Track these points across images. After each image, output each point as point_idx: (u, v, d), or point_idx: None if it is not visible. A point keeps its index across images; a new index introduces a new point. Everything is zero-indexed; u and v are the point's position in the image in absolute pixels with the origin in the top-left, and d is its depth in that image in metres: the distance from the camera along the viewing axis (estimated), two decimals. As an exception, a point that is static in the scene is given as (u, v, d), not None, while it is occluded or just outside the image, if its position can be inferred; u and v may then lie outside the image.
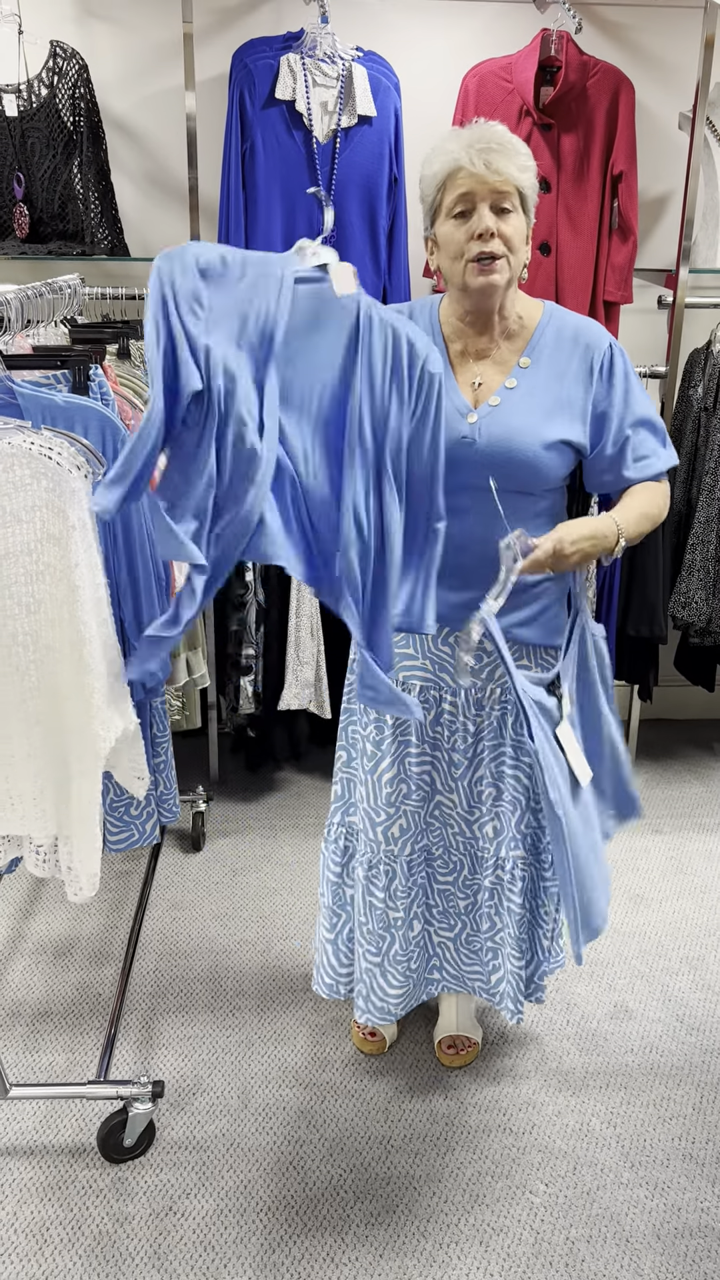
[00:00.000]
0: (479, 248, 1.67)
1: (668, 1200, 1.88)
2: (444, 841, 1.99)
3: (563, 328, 1.80)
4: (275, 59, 2.78)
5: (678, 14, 3.06)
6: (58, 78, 2.81)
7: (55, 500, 1.46)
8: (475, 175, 1.66)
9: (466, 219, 1.68)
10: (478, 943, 2.03)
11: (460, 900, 2.02)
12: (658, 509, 1.82)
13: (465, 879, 2.00)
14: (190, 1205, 1.85)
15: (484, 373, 1.79)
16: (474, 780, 1.94)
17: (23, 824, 1.64)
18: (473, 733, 1.91)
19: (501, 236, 1.68)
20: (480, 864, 1.98)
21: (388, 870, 1.97)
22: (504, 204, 1.68)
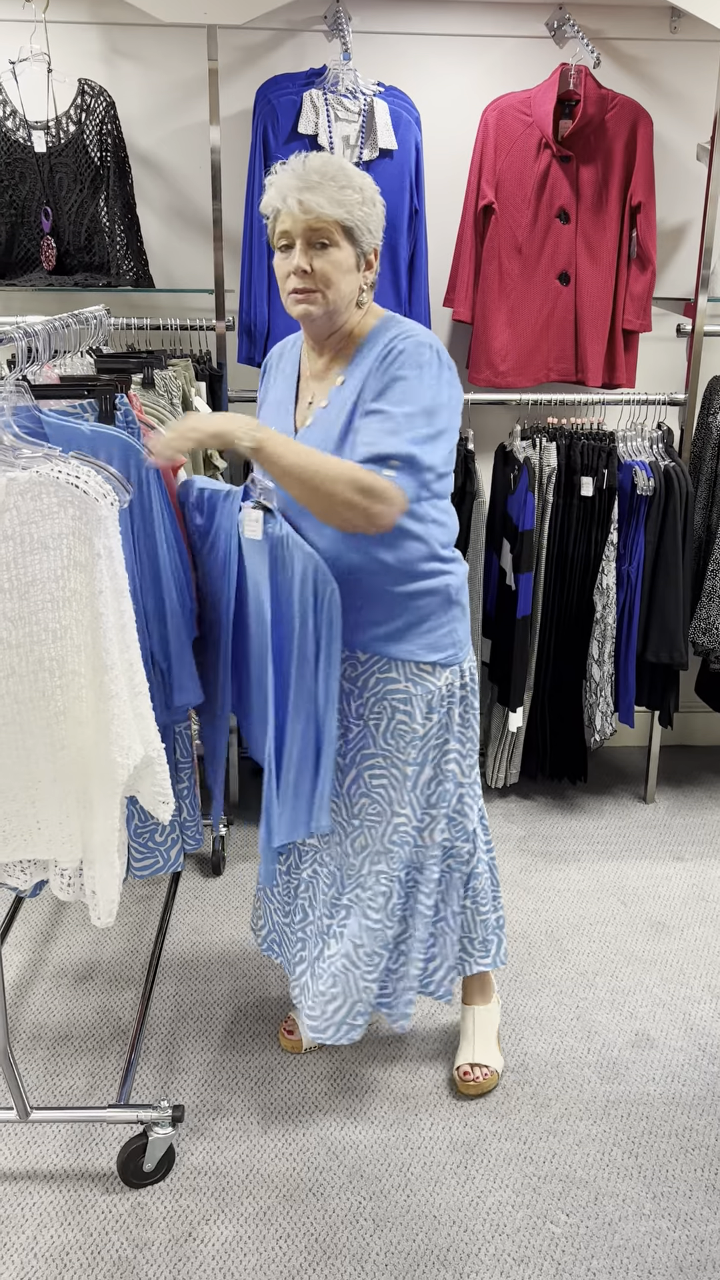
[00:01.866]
0: (294, 283, 1.77)
1: (690, 1232, 1.86)
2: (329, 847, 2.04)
3: (380, 338, 1.80)
4: (298, 94, 2.83)
5: (695, 48, 3.10)
6: (85, 114, 2.87)
7: (81, 528, 1.49)
8: (290, 214, 1.74)
9: (288, 254, 1.77)
10: (321, 968, 2.06)
11: (325, 920, 2.06)
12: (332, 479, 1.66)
13: (333, 899, 2.04)
14: (209, 1232, 1.85)
15: (316, 393, 1.87)
16: (351, 788, 1.98)
17: (49, 848, 1.66)
18: (350, 739, 1.96)
19: (315, 272, 1.75)
20: (345, 882, 2.02)
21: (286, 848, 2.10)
22: (321, 240, 1.74)
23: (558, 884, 2.90)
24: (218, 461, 2.78)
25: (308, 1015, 2.06)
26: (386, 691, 1.92)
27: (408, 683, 1.91)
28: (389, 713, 1.93)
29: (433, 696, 1.93)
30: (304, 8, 2.95)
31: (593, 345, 3.02)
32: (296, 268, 1.74)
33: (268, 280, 2.92)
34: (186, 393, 2.56)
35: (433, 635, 1.90)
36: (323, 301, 1.77)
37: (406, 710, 1.92)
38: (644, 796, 3.38)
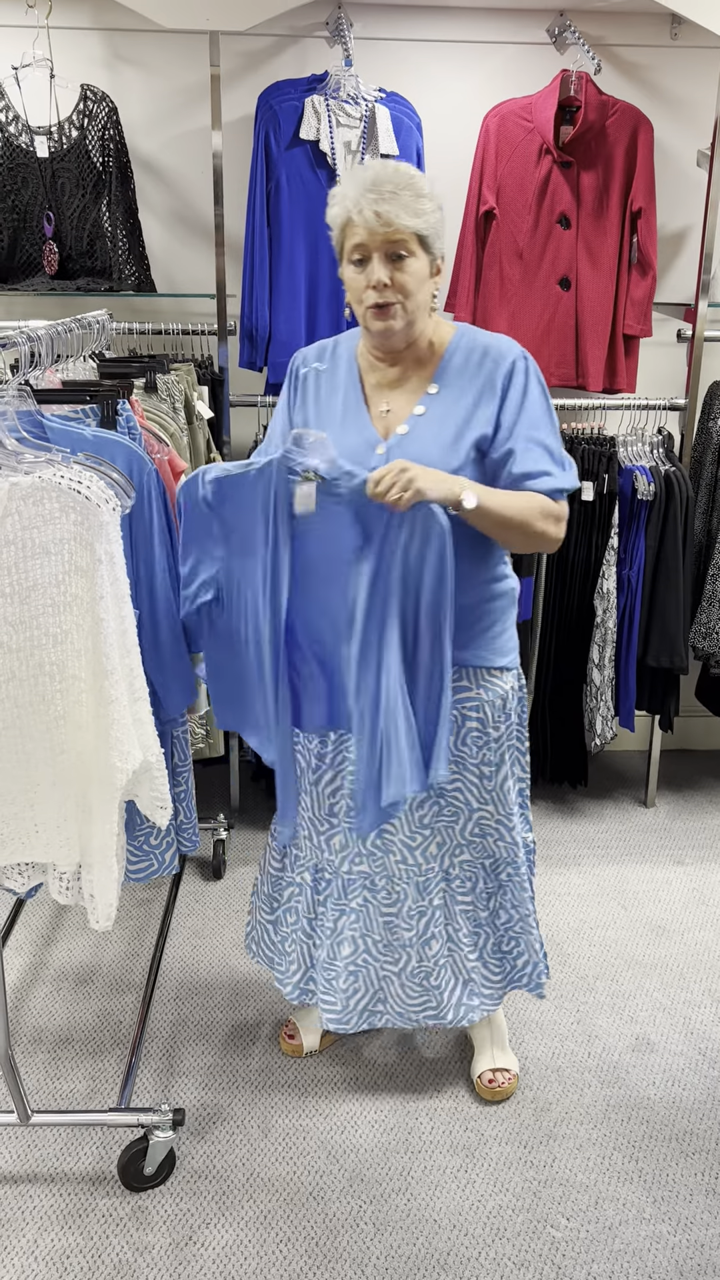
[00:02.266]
0: (374, 297, 1.73)
1: (691, 1236, 1.86)
2: (386, 870, 2.00)
3: (472, 348, 1.82)
4: (300, 100, 2.84)
5: (696, 54, 3.11)
6: (88, 120, 2.88)
7: (83, 534, 1.49)
8: (367, 227, 1.70)
9: (363, 267, 1.74)
10: (425, 970, 2.03)
11: (405, 932, 2.02)
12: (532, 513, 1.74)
13: (410, 909, 2.01)
14: (210, 1235, 1.85)
15: (394, 401, 1.84)
16: (415, 804, 1.96)
17: (46, 851, 1.66)
18: None
19: (395, 285, 1.73)
20: (425, 889, 2.00)
21: (326, 879, 2.04)
22: (398, 251, 1.72)
23: (558, 888, 2.90)
24: (219, 466, 2.79)
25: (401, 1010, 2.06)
26: (457, 700, 1.91)
27: (479, 689, 1.92)
28: (459, 720, 1.92)
29: (503, 700, 1.94)
30: (306, 14, 2.96)
31: (593, 350, 3.03)
32: (377, 281, 1.72)
33: (269, 285, 2.92)
34: (189, 397, 2.57)
35: (500, 640, 1.92)
36: (403, 314, 1.75)
37: (479, 716, 1.93)
38: (644, 801, 3.38)
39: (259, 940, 2.19)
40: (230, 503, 1.80)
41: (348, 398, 1.87)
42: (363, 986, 2.06)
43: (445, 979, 2.04)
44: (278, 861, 2.13)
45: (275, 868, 2.13)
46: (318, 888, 2.05)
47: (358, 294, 1.77)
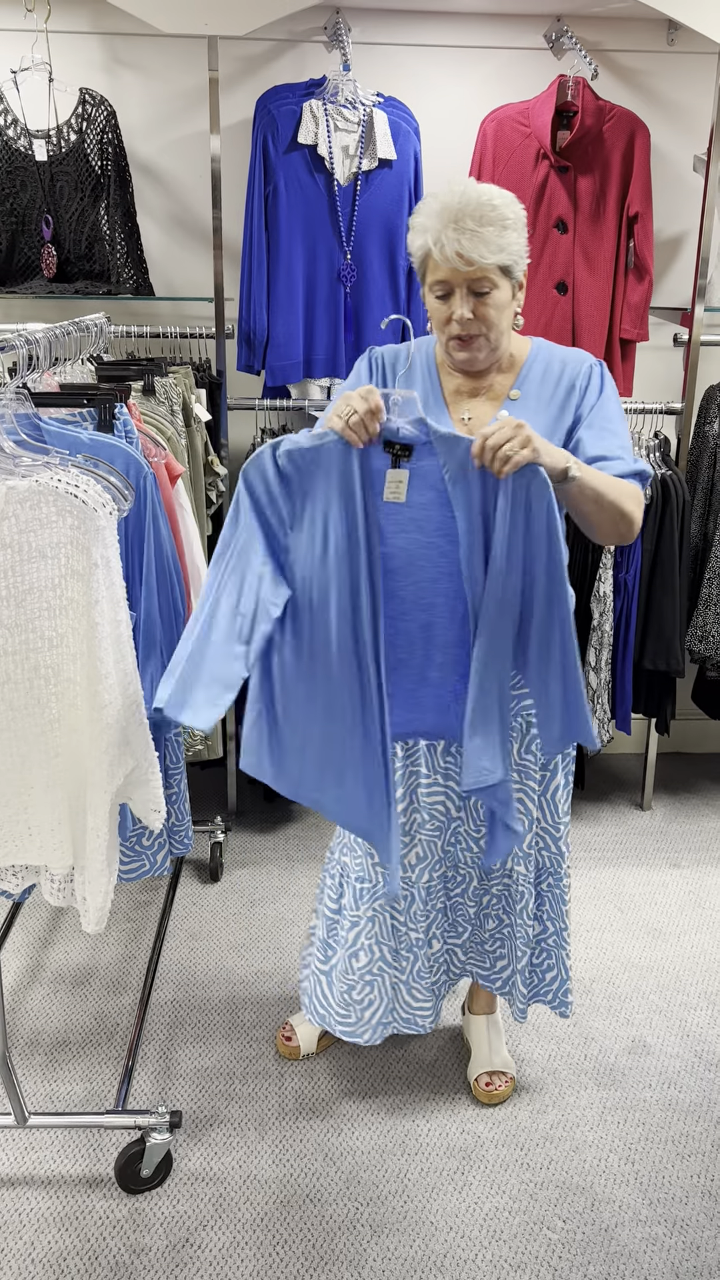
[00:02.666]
0: (457, 330, 1.74)
1: (687, 1238, 1.87)
2: (455, 860, 2.04)
3: (550, 359, 1.85)
4: (298, 105, 2.85)
5: (692, 60, 3.12)
6: (87, 124, 2.88)
7: (80, 537, 1.50)
8: (449, 265, 1.69)
9: (446, 300, 1.74)
10: (482, 938, 2.09)
11: (470, 908, 2.07)
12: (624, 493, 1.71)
13: (475, 889, 2.05)
14: (207, 1238, 1.85)
15: (474, 408, 1.84)
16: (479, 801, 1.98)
17: (40, 854, 1.67)
18: None
19: (479, 318, 1.73)
20: (488, 874, 2.04)
21: (405, 896, 2.00)
22: (481, 287, 1.71)
23: (555, 891, 2.90)
24: (218, 468, 2.80)
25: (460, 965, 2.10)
26: (522, 708, 1.91)
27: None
28: (523, 729, 1.92)
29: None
30: (304, 19, 2.97)
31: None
32: (460, 317, 1.71)
33: (267, 289, 2.93)
34: (186, 400, 2.58)
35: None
36: (486, 345, 1.76)
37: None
38: (641, 804, 3.38)
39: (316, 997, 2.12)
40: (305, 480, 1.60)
41: (427, 401, 1.85)
42: (449, 979, 2.11)
43: (499, 950, 2.09)
44: (334, 903, 2.07)
45: (331, 910, 2.08)
46: (395, 907, 2.00)
47: (440, 323, 1.77)
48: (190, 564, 2.30)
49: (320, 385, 3.06)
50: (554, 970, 2.09)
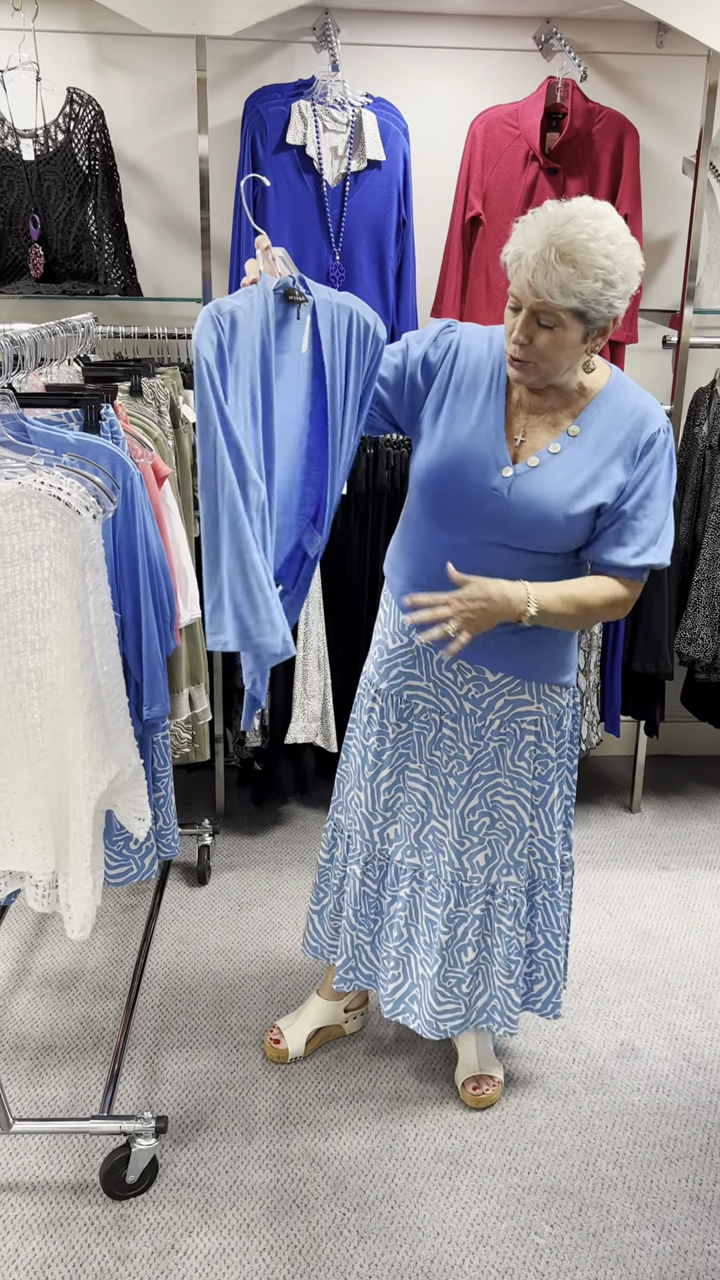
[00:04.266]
0: (512, 349, 1.72)
1: (675, 1243, 1.86)
2: (435, 868, 2.03)
3: (621, 404, 1.80)
4: (286, 105, 2.84)
5: (681, 62, 3.12)
6: (74, 123, 2.87)
7: (63, 540, 1.49)
8: (519, 289, 1.67)
9: (515, 313, 1.71)
10: (457, 977, 2.05)
11: (442, 935, 2.03)
12: (597, 601, 1.77)
13: (451, 912, 2.02)
14: (192, 1244, 1.84)
15: (532, 429, 1.80)
16: (467, 810, 1.98)
17: (22, 860, 1.65)
18: (469, 761, 1.96)
19: (534, 346, 1.69)
20: (468, 895, 2.01)
21: (380, 866, 2.06)
22: (546, 320, 1.66)
23: (543, 893, 2.90)
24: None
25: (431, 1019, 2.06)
26: (516, 714, 1.91)
27: (539, 703, 1.92)
28: (517, 735, 1.92)
29: (559, 715, 1.94)
30: (293, 19, 2.96)
31: (579, 356, 3.03)
32: (517, 337, 1.69)
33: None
34: (174, 401, 2.57)
35: (564, 654, 1.92)
36: (535, 374, 1.73)
37: (536, 731, 1.93)
38: (630, 806, 3.38)
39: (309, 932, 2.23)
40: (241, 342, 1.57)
41: (487, 402, 1.82)
42: (401, 975, 2.10)
43: (475, 986, 2.06)
44: (326, 853, 2.17)
45: (324, 859, 2.18)
46: (369, 874, 2.07)
47: (505, 332, 1.74)
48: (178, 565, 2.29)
49: (309, 386, 3.05)
50: (544, 980, 2.09)
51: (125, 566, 1.82)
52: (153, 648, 1.87)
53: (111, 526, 1.79)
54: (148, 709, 1.90)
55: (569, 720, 1.97)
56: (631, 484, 1.77)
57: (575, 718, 1.99)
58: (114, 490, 1.60)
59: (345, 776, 2.13)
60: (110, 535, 1.79)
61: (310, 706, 2.99)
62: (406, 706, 1.98)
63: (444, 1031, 2.08)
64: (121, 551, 1.82)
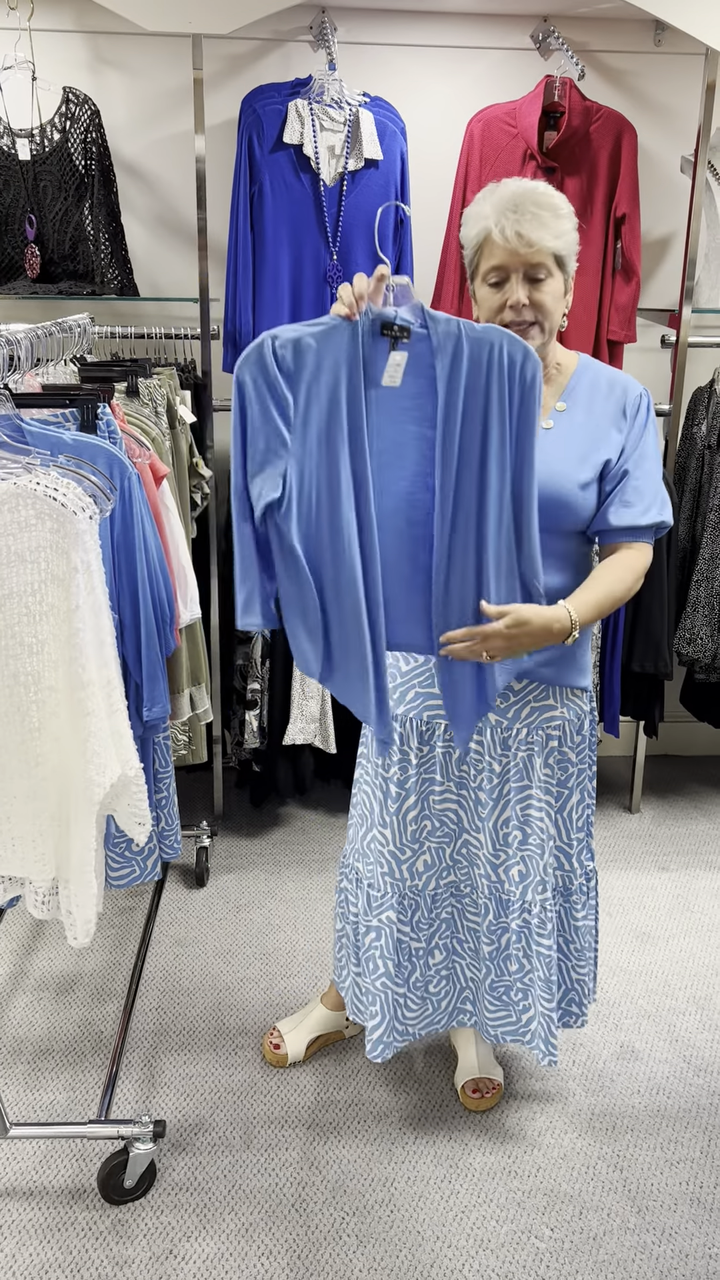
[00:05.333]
0: (511, 316, 1.72)
1: (675, 1246, 1.85)
2: (471, 881, 1.98)
3: (598, 375, 1.84)
4: (283, 104, 2.83)
5: (679, 60, 3.11)
6: (70, 123, 2.86)
7: (59, 541, 1.48)
8: (507, 248, 1.69)
9: (500, 287, 1.73)
10: (505, 985, 2.00)
11: (486, 945, 1.99)
12: (625, 588, 1.78)
13: (491, 923, 1.97)
14: (191, 1248, 1.83)
15: None
16: (500, 822, 1.93)
17: (22, 866, 1.64)
18: (498, 773, 1.91)
19: (534, 304, 1.72)
20: (507, 907, 1.96)
21: (411, 904, 1.97)
22: (537, 273, 1.71)
23: (543, 895, 2.89)
24: (203, 470, 2.78)
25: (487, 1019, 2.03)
26: (543, 720, 1.89)
27: (563, 708, 1.90)
28: (543, 741, 1.90)
29: (580, 719, 1.93)
30: (289, 18, 2.95)
31: (578, 355, 3.03)
32: (516, 302, 1.70)
33: (253, 289, 2.91)
34: (171, 401, 2.56)
35: (583, 658, 1.91)
36: (539, 333, 1.75)
37: (559, 736, 1.91)
38: (629, 806, 3.38)
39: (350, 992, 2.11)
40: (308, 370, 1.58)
41: None
42: (451, 988, 2.05)
43: (522, 1001, 2.00)
44: (343, 910, 2.08)
45: (345, 920, 2.08)
46: (402, 917, 1.97)
47: (491, 312, 1.75)
48: (177, 565, 2.28)
49: (306, 386, 3.04)
50: (563, 987, 2.05)
51: (124, 567, 1.81)
52: (152, 648, 1.86)
53: (109, 527, 1.78)
54: (148, 710, 1.89)
55: (588, 725, 1.95)
56: (628, 442, 1.80)
57: (593, 724, 1.97)
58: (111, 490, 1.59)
59: (360, 821, 2.03)
60: (108, 536, 1.78)
61: (308, 707, 2.98)
62: (428, 729, 1.91)
63: (499, 1037, 2.03)
64: (120, 552, 1.81)
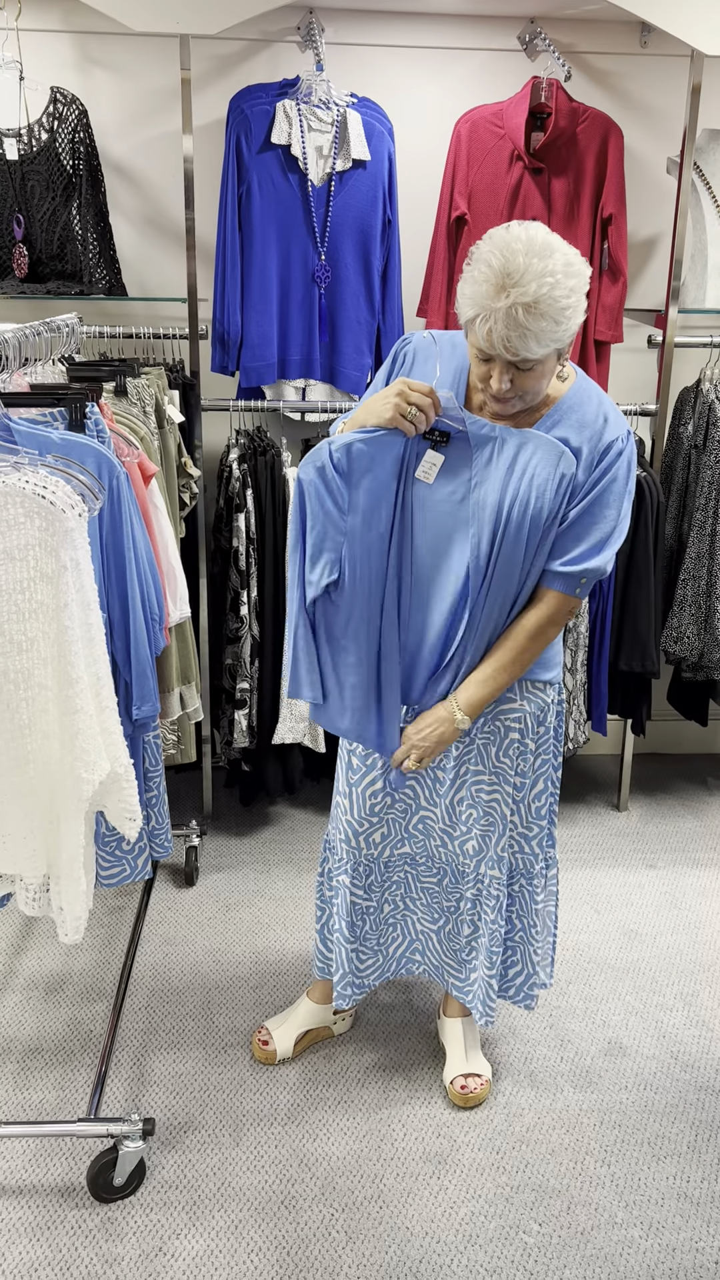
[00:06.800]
0: (496, 407, 1.73)
1: (663, 1240, 1.87)
2: (426, 851, 2.06)
3: (584, 413, 1.78)
4: (271, 105, 2.83)
5: (665, 62, 3.13)
6: (58, 122, 2.86)
7: (48, 539, 1.48)
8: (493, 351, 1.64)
9: (486, 364, 1.69)
10: (457, 944, 2.10)
11: (444, 900, 2.08)
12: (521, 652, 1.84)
13: (449, 885, 2.07)
14: (180, 1246, 1.83)
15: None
16: (455, 800, 2.00)
17: (13, 863, 1.64)
18: (455, 756, 1.97)
19: (518, 388, 1.69)
20: (462, 876, 2.04)
21: (366, 870, 2.06)
22: (525, 365, 1.66)
23: (531, 892, 2.90)
24: (191, 470, 2.78)
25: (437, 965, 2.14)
26: (500, 711, 1.92)
27: (523, 700, 1.93)
28: (501, 732, 1.93)
29: (543, 713, 1.95)
30: (277, 18, 2.96)
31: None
32: (498, 392, 1.68)
33: (241, 289, 2.91)
34: (159, 401, 2.56)
35: (549, 651, 1.92)
36: (521, 404, 1.74)
37: (519, 729, 1.93)
38: (617, 804, 3.39)
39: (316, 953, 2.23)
40: (359, 471, 1.78)
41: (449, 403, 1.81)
42: (401, 936, 2.13)
43: (470, 959, 2.08)
44: (320, 870, 2.19)
45: (319, 877, 2.19)
46: (356, 881, 2.06)
47: (478, 378, 1.72)
48: (166, 564, 2.28)
49: (294, 386, 3.05)
50: (519, 966, 2.10)
51: (113, 565, 1.82)
52: (141, 647, 1.86)
53: (98, 525, 1.78)
54: (137, 708, 1.89)
55: (553, 717, 1.98)
56: (585, 487, 1.76)
57: (560, 715, 2.00)
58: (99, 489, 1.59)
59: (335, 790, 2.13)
60: (97, 535, 1.78)
61: (298, 706, 2.98)
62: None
63: (447, 984, 2.13)
64: (108, 551, 1.81)
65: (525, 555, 1.78)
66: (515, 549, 1.76)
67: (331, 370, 3.03)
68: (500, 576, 1.78)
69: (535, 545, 1.77)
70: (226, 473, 2.88)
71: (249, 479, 2.85)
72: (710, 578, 3.03)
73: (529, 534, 1.76)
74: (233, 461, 2.86)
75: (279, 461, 2.89)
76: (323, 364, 3.02)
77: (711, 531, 3.02)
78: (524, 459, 1.75)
